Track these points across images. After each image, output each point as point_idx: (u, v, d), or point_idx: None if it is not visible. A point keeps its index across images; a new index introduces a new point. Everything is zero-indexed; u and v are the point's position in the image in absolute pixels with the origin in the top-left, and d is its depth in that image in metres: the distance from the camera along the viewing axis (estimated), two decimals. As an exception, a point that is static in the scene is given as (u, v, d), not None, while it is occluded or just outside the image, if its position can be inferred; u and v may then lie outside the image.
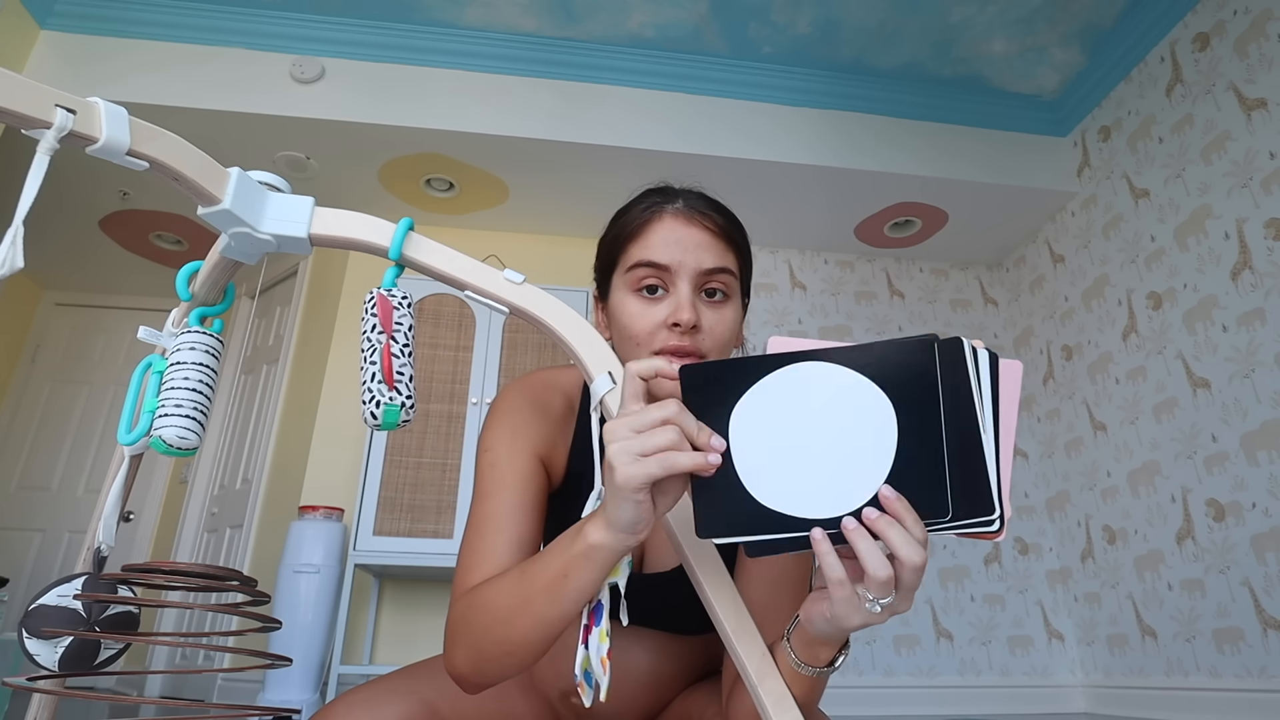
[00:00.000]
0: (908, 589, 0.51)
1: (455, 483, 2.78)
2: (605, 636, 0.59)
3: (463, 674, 0.66)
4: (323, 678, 2.62)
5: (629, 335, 0.75)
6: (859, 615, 0.52)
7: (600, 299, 0.84)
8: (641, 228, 0.78)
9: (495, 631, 0.63)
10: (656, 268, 0.75)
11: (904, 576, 0.50)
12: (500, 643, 0.62)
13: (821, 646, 0.59)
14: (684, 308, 0.73)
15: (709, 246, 0.77)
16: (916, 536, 0.50)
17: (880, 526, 0.50)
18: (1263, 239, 2.40)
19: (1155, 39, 2.88)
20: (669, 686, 0.87)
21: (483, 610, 0.64)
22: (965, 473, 0.50)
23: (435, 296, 3.02)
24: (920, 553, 0.50)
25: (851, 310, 3.66)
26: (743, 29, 3.00)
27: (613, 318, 0.79)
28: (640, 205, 0.80)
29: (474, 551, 0.72)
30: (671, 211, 0.78)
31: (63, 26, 2.83)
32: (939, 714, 2.98)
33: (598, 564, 0.57)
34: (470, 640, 0.65)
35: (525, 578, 0.62)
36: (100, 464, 3.98)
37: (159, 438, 0.65)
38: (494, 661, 0.64)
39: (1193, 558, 2.56)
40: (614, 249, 0.80)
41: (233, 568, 0.78)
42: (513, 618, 0.61)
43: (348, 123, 2.87)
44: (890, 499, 0.50)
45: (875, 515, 0.50)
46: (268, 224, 0.63)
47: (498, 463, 0.77)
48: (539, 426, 0.81)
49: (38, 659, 0.70)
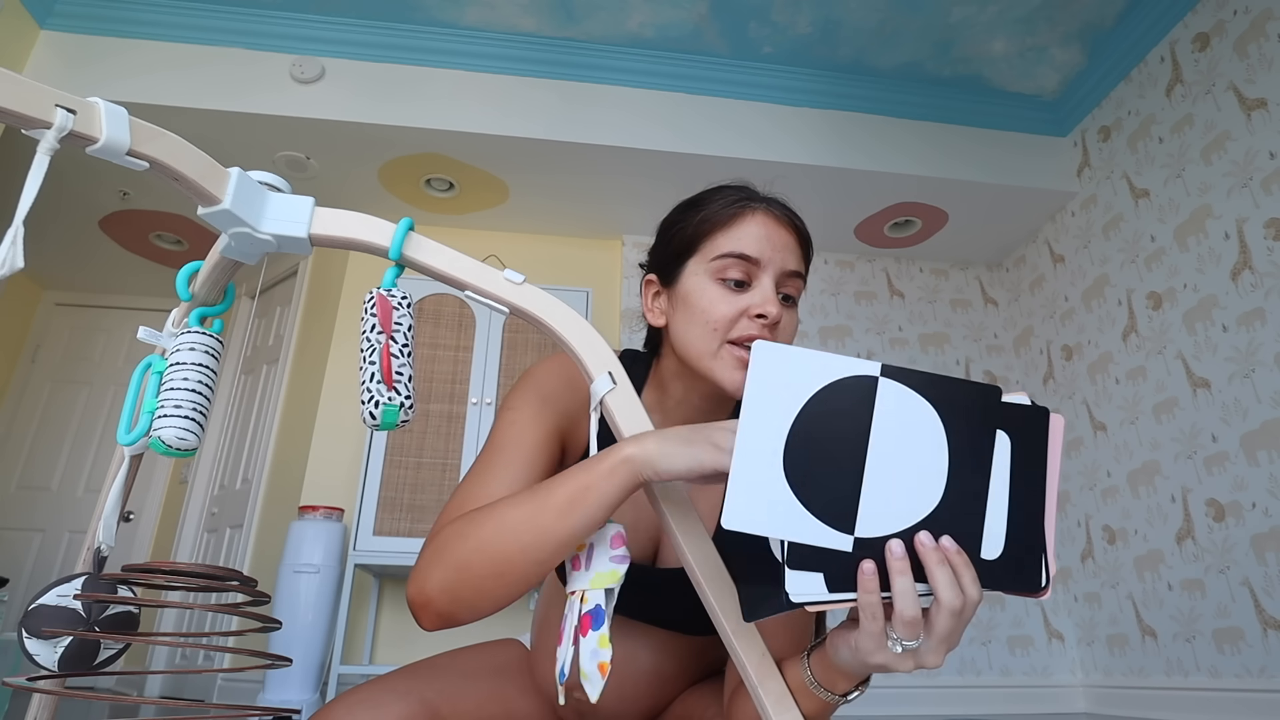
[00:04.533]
0: (940, 638, 0.50)
1: (455, 483, 2.78)
2: (606, 642, 0.58)
3: (430, 598, 0.63)
4: (323, 678, 2.62)
5: (707, 320, 0.75)
6: (881, 653, 0.51)
7: (662, 283, 0.83)
8: (732, 220, 0.78)
9: (489, 548, 0.61)
10: (746, 260, 0.75)
11: (939, 621, 0.49)
12: (492, 560, 0.61)
13: (840, 676, 0.58)
14: (772, 300, 0.74)
15: (793, 249, 0.78)
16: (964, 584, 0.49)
17: (931, 559, 0.49)
18: (1263, 239, 2.40)
19: (1155, 39, 2.88)
20: (671, 685, 0.87)
21: (480, 526, 0.63)
22: (1020, 546, 0.50)
23: (435, 296, 3.02)
24: (959, 598, 0.48)
25: (851, 310, 3.66)
26: (743, 29, 3.00)
27: (684, 302, 0.78)
28: (727, 198, 0.80)
29: (470, 493, 0.71)
30: (764, 209, 0.79)
31: (63, 26, 2.83)
32: (939, 714, 2.98)
33: (620, 480, 0.57)
34: (455, 558, 0.62)
35: (537, 493, 0.61)
36: (100, 464, 3.98)
37: (158, 438, 0.65)
38: (474, 583, 0.61)
39: (1193, 558, 2.56)
40: (696, 236, 0.79)
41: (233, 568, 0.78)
42: (514, 531, 0.60)
43: (348, 123, 2.87)
44: (950, 549, 0.49)
45: (930, 544, 0.49)
46: (268, 224, 0.63)
47: (519, 421, 0.77)
48: (567, 403, 0.81)
49: (37, 659, 0.70)
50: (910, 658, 0.51)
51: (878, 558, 0.49)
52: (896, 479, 0.50)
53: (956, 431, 0.50)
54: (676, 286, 0.80)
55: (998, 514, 0.50)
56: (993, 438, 0.50)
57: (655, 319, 0.83)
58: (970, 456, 0.50)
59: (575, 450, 0.82)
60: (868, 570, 0.49)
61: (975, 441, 0.50)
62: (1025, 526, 0.50)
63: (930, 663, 0.51)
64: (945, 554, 0.49)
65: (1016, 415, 0.51)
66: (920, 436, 0.50)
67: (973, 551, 0.50)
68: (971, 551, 0.50)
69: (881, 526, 0.49)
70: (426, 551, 0.66)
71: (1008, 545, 0.50)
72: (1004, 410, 0.51)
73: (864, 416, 0.50)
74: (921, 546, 0.49)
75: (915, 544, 0.49)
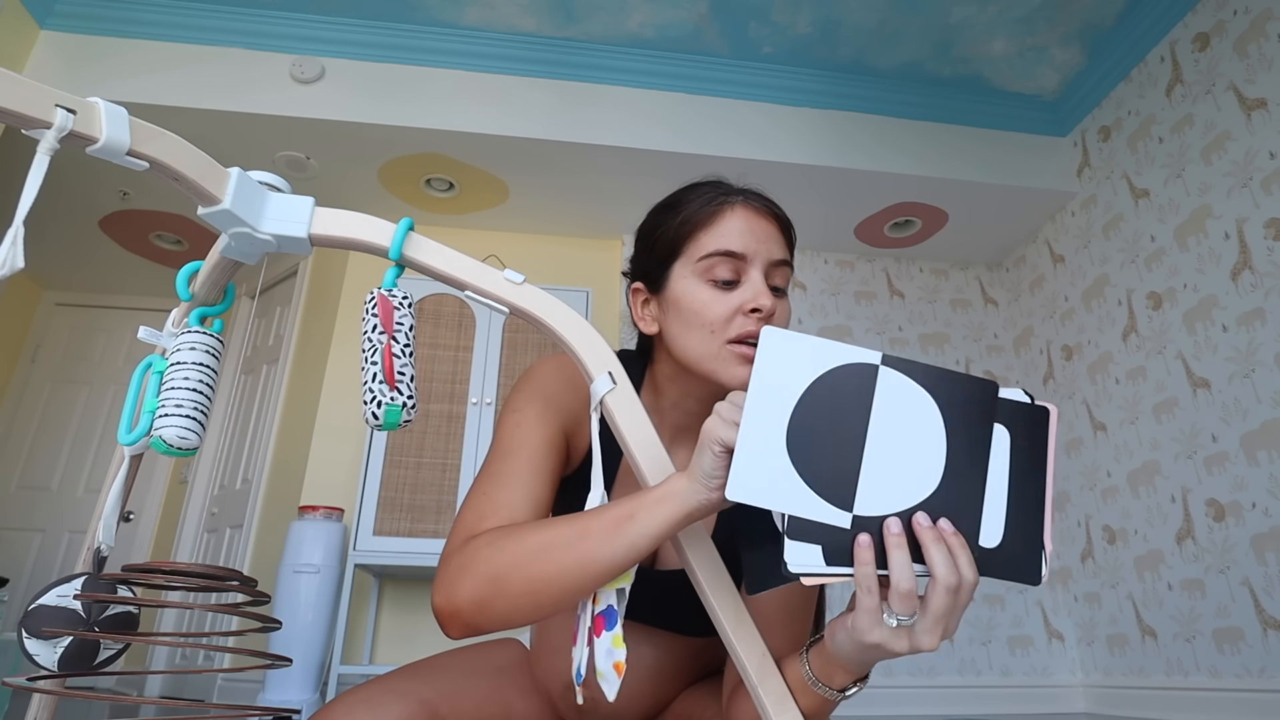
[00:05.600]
0: (935, 617, 0.50)
1: (455, 483, 2.78)
2: (620, 642, 0.58)
3: (458, 608, 0.63)
4: (323, 678, 2.62)
5: (702, 323, 0.74)
6: (877, 630, 0.51)
7: (650, 290, 0.82)
8: (713, 217, 0.77)
9: (528, 566, 0.61)
10: (733, 257, 0.75)
11: (934, 598, 0.50)
12: (529, 578, 0.61)
13: (838, 669, 0.58)
14: (763, 293, 0.73)
15: (776, 238, 0.78)
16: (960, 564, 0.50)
17: (926, 537, 0.50)
18: (1263, 239, 2.40)
19: (1155, 39, 2.88)
20: (671, 685, 0.87)
21: (518, 542, 0.63)
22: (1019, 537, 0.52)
23: (435, 296, 3.02)
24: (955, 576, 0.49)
25: (851, 310, 3.66)
26: (743, 29, 3.00)
27: (676, 307, 0.77)
28: (704, 196, 0.79)
29: (489, 500, 0.71)
30: (742, 202, 0.78)
31: (63, 26, 2.83)
32: (939, 714, 2.98)
33: (668, 511, 0.57)
34: (489, 571, 0.62)
35: (580, 519, 0.61)
36: (100, 464, 3.98)
37: (159, 438, 0.65)
38: (508, 599, 0.61)
39: (1193, 558, 2.56)
40: (678, 238, 0.78)
41: (233, 568, 0.78)
42: (555, 552, 0.60)
43: (348, 123, 2.87)
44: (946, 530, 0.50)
45: (927, 524, 0.50)
46: (268, 224, 0.63)
47: (524, 423, 0.77)
48: (570, 403, 0.80)
49: (37, 659, 0.70)
50: (905, 636, 0.51)
51: (875, 535, 0.51)
52: (895, 463, 0.51)
53: (954, 422, 0.52)
54: (665, 292, 0.79)
55: (996, 504, 0.52)
56: (990, 430, 0.52)
57: (647, 326, 0.82)
58: (968, 447, 0.52)
59: (579, 451, 0.82)
60: (863, 542, 0.50)
61: (973, 433, 0.52)
62: (1025, 519, 0.52)
63: (925, 644, 0.51)
64: (942, 534, 0.50)
65: (1015, 411, 0.53)
66: (918, 425, 0.52)
67: (970, 537, 0.51)
68: (969, 537, 0.51)
69: (880, 506, 0.51)
70: (454, 561, 0.65)
71: (1006, 535, 0.52)
72: (1002, 405, 0.53)
73: (865, 402, 0.52)
74: (918, 526, 0.50)
75: (913, 524, 0.50)
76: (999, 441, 0.52)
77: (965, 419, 0.52)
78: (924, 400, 0.52)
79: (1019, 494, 0.52)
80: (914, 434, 0.52)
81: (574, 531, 0.60)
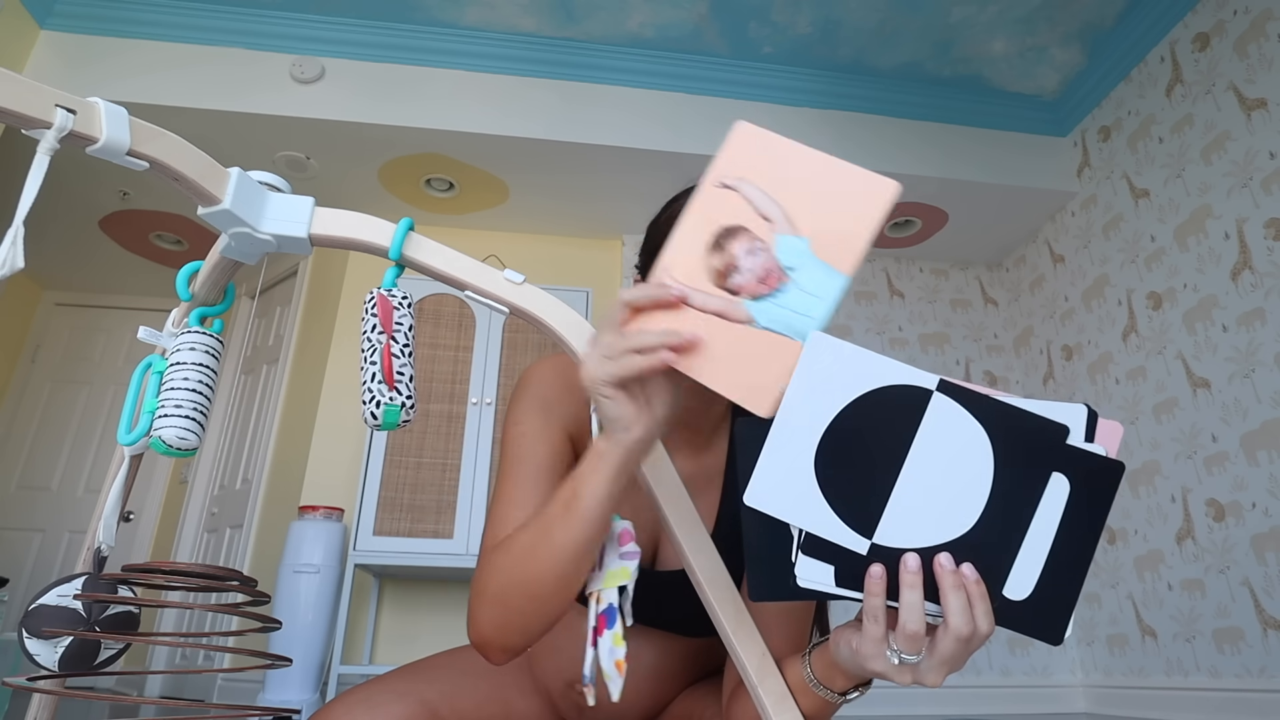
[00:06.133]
0: (942, 660, 0.49)
1: (455, 483, 2.78)
2: (620, 640, 0.59)
3: (487, 636, 0.64)
4: (323, 678, 2.62)
5: None
6: (879, 661, 0.51)
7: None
8: None
9: (519, 576, 0.62)
10: None
11: (943, 644, 0.48)
12: (523, 586, 0.61)
13: (840, 674, 0.58)
14: None
15: None
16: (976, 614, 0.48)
17: (946, 581, 0.47)
18: (1263, 239, 2.40)
19: (1155, 39, 2.88)
20: (671, 685, 0.87)
21: (505, 555, 0.64)
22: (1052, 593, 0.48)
23: (435, 296, 3.01)
24: (969, 626, 0.47)
25: (851, 310, 3.66)
26: (743, 29, 3.00)
27: None
28: None
29: (503, 522, 0.72)
30: None
31: (63, 26, 2.83)
32: (939, 714, 2.98)
33: (603, 474, 0.57)
34: (495, 591, 0.63)
35: (541, 513, 0.62)
36: (100, 464, 3.97)
37: (159, 438, 0.65)
38: (516, 614, 0.62)
39: (1193, 558, 2.56)
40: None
41: (233, 568, 0.78)
42: (533, 553, 0.61)
43: (348, 123, 2.87)
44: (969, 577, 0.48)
45: (950, 567, 0.48)
46: (268, 224, 0.63)
47: (528, 434, 0.77)
48: (569, 405, 0.80)
49: (38, 659, 0.70)
50: (909, 672, 0.50)
51: (892, 566, 0.48)
52: (929, 496, 0.48)
53: (1007, 462, 0.48)
54: None
55: (1035, 555, 0.48)
56: (1046, 477, 0.48)
57: None
58: (1016, 491, 0.48)
59: (582, 450, 0.82)
60: (875, 574, 0.48)
61: (1026, 477, 0.48)
62: (1063, 576, 0.48)
63: (929, 681, 0.50)
64: (963, 580, 0.48)
65: (1083, 461, 0.48)
66: (964, 459, 0.48)
67: (995, 586, 0.48)
68: (994, 586, 0.48)
69: (903, 539, 0.48)
70: (473, 591, 0.67)
71: (1038, 589, 0.48)
72: (1068, 453, 0.48)
73: (909, 428, 0.48)
74: (940, 568, 0.48)
75: (934, 565, 0.48)
76: (1055, 490, 0.48)
77: (1021, 461, 0.48)
78: (977, 434, 0.48)
79: (1064, 548, 0.48)
80: (956, 469, 0.48)
81: (540, 527, 0.61)
